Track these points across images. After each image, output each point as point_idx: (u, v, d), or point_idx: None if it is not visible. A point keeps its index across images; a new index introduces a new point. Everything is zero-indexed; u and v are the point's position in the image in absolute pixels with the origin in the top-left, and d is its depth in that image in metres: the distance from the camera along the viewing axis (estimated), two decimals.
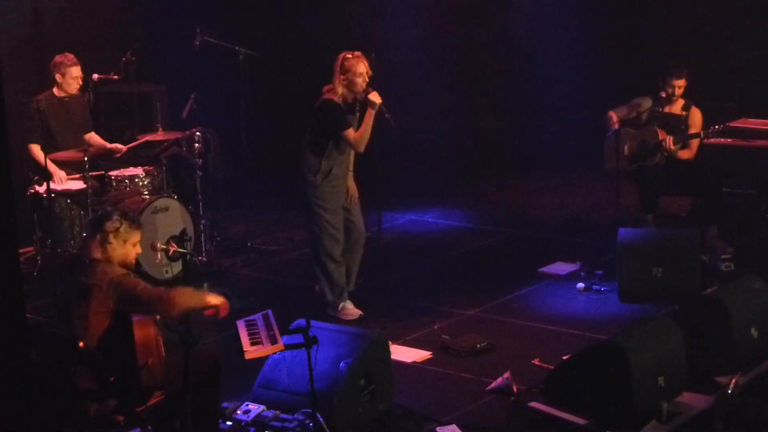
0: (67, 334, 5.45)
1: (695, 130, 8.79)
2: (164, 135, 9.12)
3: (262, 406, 6.14)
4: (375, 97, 7.48)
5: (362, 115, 7.59)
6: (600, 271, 8.28)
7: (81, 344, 5.37)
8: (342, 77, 7.54)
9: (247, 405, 6.17)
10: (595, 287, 8.15)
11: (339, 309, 7.77)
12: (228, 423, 6.05)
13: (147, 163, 9.10)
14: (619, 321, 7.52)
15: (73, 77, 8.89)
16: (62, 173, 8.73)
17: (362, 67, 7.52)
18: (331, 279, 7.76)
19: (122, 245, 5.60)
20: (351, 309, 7.79)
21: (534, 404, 6.25)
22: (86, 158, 8.43)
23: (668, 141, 8.67)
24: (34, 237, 8.70)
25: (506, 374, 6.54)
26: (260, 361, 6.21)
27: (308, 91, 7.92)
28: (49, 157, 8.43)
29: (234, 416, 6.10)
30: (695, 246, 7.84)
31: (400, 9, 11.87)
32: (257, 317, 5.92)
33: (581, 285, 8.21)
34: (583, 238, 9.33)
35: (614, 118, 8.74)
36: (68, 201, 8.62)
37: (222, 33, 9.69)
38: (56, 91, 8.92)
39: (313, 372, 5.54)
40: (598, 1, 11.83)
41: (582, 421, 6.02)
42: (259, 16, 11.38)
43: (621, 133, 8.68)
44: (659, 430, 5.97)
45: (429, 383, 6.78)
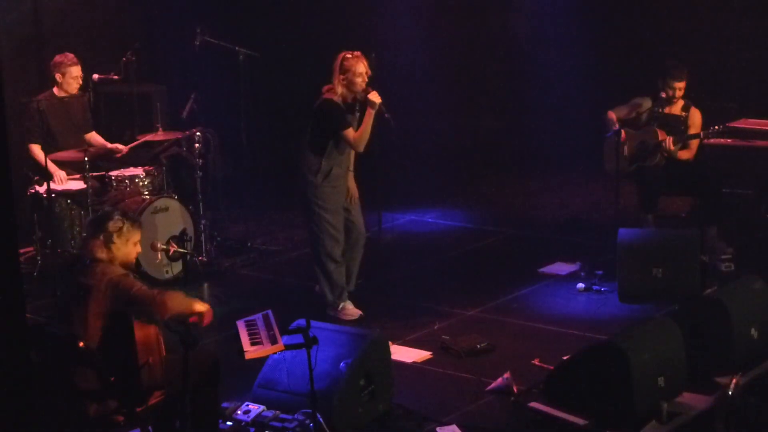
0: (67, 334, 5.45)
1: (695, 131, 8.79)
2: (164, 135, 9.12)
3: (262, 406, 6.13)
4: (375, 97, 7.47)
5: (362, 115, 7.58)
6: (600, 272, 8.28)
7: (81, 344, 5.37)
8: (342, 77, 7.53)
9: (247, 405, 6.17)
10: (595, 287, 8.15)
11: (339, 309, 7.76)
12: (228, 423, 6.05)
13: (147, 164, 9.10)
14: (619, 321, 7.50)
15: (73, 77, 8.89)
16: (62, 173, 8.72)
17: (362, 67, 7.52)
18: (331, 279, 7.75)
19: (125, 244, 5.60)
20: (351, 309, 7.79)
21: (534, 404, 6.24)
22: (86, 158, 8.44)
23: (668, 141, 8.67)
24: (34, 237, 8.69)
25: (506, 374, 6.53)
26: (260, 361, 6.20)
27: (308, 91, 7.92)
28: (50, 158, 8.43)
29: (234, 416, 6.09)
30: (695, 246, 7.84)
31: (400, 9, 11.86)
32: (257, 317, 5.92)
33: (581, 285, 8.20)
34: (583, 238, 9.32)
35: (614, 119, 8.74)
36: (68, 201, 8.62)
37: (222, 33, 9.67)
38: (56, 91, 8.92)
39: (313, 372, 5.53)
40: (598, 1, 11.83)
41: (582, 422, 6.01)
42: (259, 16, 11.37)
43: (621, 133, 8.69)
44: (659, 431, 5.97)
45: (429, 383, 6.77)
